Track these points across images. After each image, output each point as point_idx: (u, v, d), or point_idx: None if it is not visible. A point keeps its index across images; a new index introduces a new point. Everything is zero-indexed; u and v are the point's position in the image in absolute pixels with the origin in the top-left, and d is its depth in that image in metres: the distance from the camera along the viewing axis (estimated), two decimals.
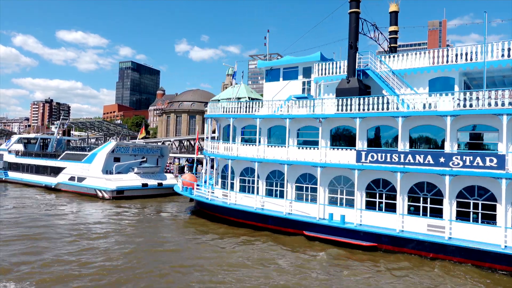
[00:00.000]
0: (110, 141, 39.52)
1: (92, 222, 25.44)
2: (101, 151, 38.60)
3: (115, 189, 36.18)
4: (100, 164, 37.88)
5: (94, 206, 32.90)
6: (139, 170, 39.01)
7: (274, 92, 26.19)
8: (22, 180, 47.03)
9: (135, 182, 37.91)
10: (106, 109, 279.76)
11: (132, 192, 37.45)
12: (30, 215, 27.56)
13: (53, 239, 20.50)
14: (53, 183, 42.19)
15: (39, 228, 22.91)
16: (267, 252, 18.86)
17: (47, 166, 44.27)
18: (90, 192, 38.19)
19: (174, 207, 33.72)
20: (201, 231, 23.29)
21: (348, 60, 22.25)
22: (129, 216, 28.28)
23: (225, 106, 26.18)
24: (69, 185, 40.65)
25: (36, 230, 22.46)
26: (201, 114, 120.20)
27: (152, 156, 42.78)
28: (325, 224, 20.55)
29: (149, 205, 34.53)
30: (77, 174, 39.98)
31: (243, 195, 24.98)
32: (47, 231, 22.33)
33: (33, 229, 22.74)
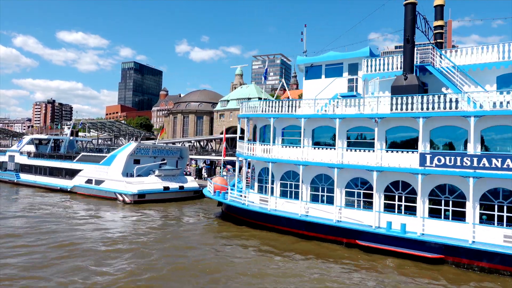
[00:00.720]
0: (130, 142, 37.82)
1: (118, 230, 23.73)
2: (121, 152, 36.90)
3: (137, 193, 34.48)
4: (120, 167, 36.18)
5: (115, 211, 31.22)
6: (160, 173, 37.30)
7: (314, 90, 24.52)
8: (35, 183, 45.31)
9: (157, 185, 36.22)
10: (109, 109, 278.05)
11: (153, 196, 35.77)
12: (48, 220, 25.90)
13: (83, 250, 18.84)
14: (68, 186, 40.49)
15: (64, 236, 21.22)
16: (333, 267, 17.12)
17: (61, 168, 42.57)
18: (110, 195, 36.50)
19: (199, 212, 32.01)
20: (240, 238, 21.58)
21: (404, 55, 20.58)
22: (155, 222, 26.58)
23: (263, 105, 24.47)
24: (86, 188, 38.95)
25: (62, 238, 20.80)
26: (209, 115, 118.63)
27: (172, 158, 41.11)
28: (383, 233, 18.84)
29: (173, 209, 32.86)
30: (95, 176, 38.29)
31: (284, 200, 23.28)
32: (71, 239, 20.67)
33: (60, 238, 21.05)
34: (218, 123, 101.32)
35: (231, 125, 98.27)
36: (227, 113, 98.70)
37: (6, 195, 38.78)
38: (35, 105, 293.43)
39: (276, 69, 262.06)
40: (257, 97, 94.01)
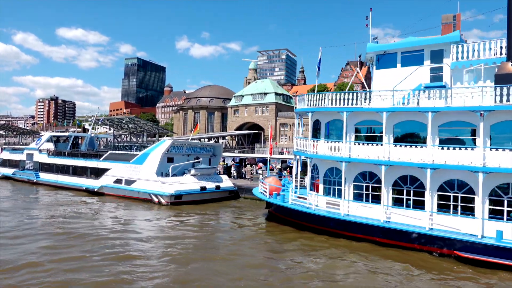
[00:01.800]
0: (164, 139, 35.25)
1: (161, 238, 21.27)
2: (154, 150, 34.34)
3: (174, 194, 31.99)
4: (154, 166, 33.64)
5: (151, 214, 28.80)
6: (196, 172, 34.79)
7: (388, 81, 21.90)
8: (57, 183, 42.81)
9: (193, 185, 33.71)
10: (113, 106, 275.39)
11: (190, 197, 33.30)
12: (81, 224, 23.48)
13: (131, 257, 16.38)
14: (95, 186, 37.98)
15: (104, 243, 18.75)
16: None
17: (87, 167, 40.04)
18: (143, 196, 34.02)
19: (244, 214, 29.53)
20: (319, 248, 19.07)
21: (508, 40, 17.96)
22: (201, 227, 24.14)
23: (333, 98, 21.85)
24: (115, 189, 36.45)
25: (101, 247, 18.37)
26: (220, 111, 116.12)
27: (205, 156, 38.57)
28: (492, 244, 16.33)
29: (214, 211, 30.45)
30: (125, 176, 35.78)
31: (358, 204, 20.76)
32: (114, 248, 18.20)
33: (99, 246, 18.59)
34: (232, 119, 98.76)
35: (246, 121, 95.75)
36: (242, 109, 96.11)
37: (28, 196, 36.27)
38: (38, 102, 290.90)
39: (281, 65, 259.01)
40: (273, 92, 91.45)
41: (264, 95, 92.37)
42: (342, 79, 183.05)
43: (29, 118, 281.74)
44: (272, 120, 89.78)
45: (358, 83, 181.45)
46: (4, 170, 51.06)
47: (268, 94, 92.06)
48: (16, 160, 49.86)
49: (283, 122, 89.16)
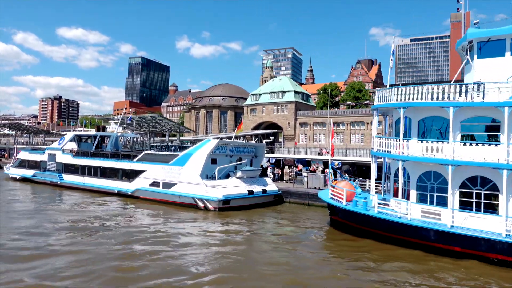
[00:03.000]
0: (208, 139, 32.30)
1: (224, 250, 18.48)
2: (198, 151, 31.41)
3: (222, 199, 29.13)
4: (198, 168, 30.74)
5: (200, 222, 26.04)
6: (242, 174, 31.91)
7: (493, 71, 19.01)
8: (84, 185, 39.89)
9: (241, 189, 30.85)
10: (117, 105, 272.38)
11: (238, 202, 30.46)
12: (126, 235, 20.63)
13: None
14: (129, 190, 35.07)
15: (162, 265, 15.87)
16: None
17: (118, 168, 37.12)
18: (185, 201, 31.14)
19: (303, 221, 26.70)
20: (436, 272, 16.19)
21: None
22: (264, 237, 21.27)
23: (432, 91, 18.94)
24: (152, 192, 33.56)
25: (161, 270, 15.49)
26: (233, 110, 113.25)
27: (247, 157, 35.68)
28: None
29: (268, 218, 27.81)
30: (163, 179, 32.90)
31: (467, 214, 17.87)
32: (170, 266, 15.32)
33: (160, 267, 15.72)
34: (249, 118, 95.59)
35: (263, 120, 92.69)
36: (259, 108, 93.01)
37: (55, 200, 33.36)
38: (41, 101, 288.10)
39: (287, 64, 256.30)
40: (292, 91, 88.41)
41: (282, 93, 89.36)
42: (353, 77, 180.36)
43: (32, 117, 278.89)
44: (291, 119, 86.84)
45: (369, 82, 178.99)
46: (23, 172, 48.12)
47: (287, 93, 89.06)
48: (36, 161, 46.90)
49: (303, 121, 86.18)
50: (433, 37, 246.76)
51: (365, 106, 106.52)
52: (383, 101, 21.32)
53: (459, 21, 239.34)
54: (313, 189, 35.05)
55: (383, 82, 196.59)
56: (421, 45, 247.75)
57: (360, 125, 78.00)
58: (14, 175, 49.15)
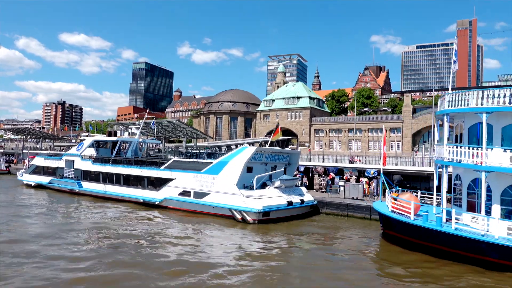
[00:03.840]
0: (245, 146, 30.28)
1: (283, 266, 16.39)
2: (234, 158, 29.41)
3: (262, 210, 27.10)
4: (235, 176, 28.74)
5: (241, 235, 24.08)
6: (281, 184, 29.90)
7: None
8: (105, 193, 37.85)
9: (280, 200, 28.84)
10: (121, 111, 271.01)
11: (277, 213, 28.46)
12: (160, 250, 18.56)
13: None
14: (156, 199, 33.05)
15: None
16: None
17: (143, 176, 35.12)
18: (219, 212, 29.14)
19: (347, 233, 24.67)
20: None
21: None
22: (324, 256, 19.21)
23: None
24: (182, 202, 31.54)
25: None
26: (243, 116, 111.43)
27: (281, 165, 33.68)
28: None
29: (313, 231, 25.86)
30: (194, 188, 30.90)
31: None
32: None
33: None
34: (262, 124, 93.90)
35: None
36: (273, 113, 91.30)
37: (78, 210, 31.32)
38: (45, 106, 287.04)
39: (293, 70, 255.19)
40: (307, 96, 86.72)
41: (297, 99, 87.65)
42: (361, 84, 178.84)
43: (35, 122, 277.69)
44: (306, 125, 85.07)
45: (377, 88, 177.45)
46: (38, 178, 46.11)
47: (301, 98, 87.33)
48: (52, 167, 44.92)
49: (319, 127, 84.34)
50: (439, 44, 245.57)
51: (374, 113, 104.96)
52: (458, 105, 19.35)
53: (466, 28, 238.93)
54: (351, 199, 33.09)
55: (391, 89, 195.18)
56: (427, 52, 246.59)
57: (379, 132, 76.19)
58: (28, 182, 47.15)
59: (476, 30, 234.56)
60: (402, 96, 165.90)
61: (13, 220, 26.33)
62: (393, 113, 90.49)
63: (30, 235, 21.86)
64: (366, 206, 31.10)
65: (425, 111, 71.95)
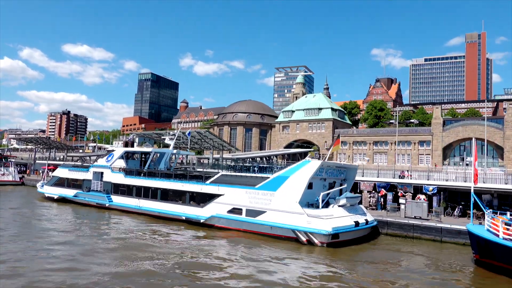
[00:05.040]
0: (307, 160, 27.35)
1: None
2: (295, 173, 26.46)
3: (332, 232, 24.09)
4: (297, 193, 25.78)
5: (308, 261, 21.04)
6: (346, 202, 26.95)
7: None
8: (140, 209, 34.79)
9: (347, 220, 25.86)
10: (126, 121, 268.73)
11: (346, 236, 25.43)
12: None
13: None
14: (202, 217, 30.02)
15: None
16: None
17: (184, 191, 32.15)
18: (278, 233, 26.14)
19: (431, 259, 21.59)
20: None
21: None
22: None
23: None
24: (232, 221, 28.53)
25: None
26: (258, 127, 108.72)
27: (337, 180, 30.77)
28: None
29: (387, 256, 22.62)
30: (246, 205, 27.94)
31: None
32: None
33: None
34: (281, 136, 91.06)
35: (297, 138, 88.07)
36: (293, 125, 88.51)
37: (108, 226, 28.25)
38: (49, 116, 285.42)
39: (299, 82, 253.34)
40: (329, 107, 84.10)
41: (318, 110, 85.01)
42: (372, 96, 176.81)
43: (39, 132, 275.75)
44: (328, 137, 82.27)
45: (389, 101, 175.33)
46: (62, 191, 43.07)
47: (323, 110, 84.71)
48: (78, 180, 41.94)
49: (341, 140, 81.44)
50: (448, 56, 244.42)
51: (388, 125, 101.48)
52: None
53: (475, 41, 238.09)
54: (414, 218, 30.15)
55: (402, 101, 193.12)
56: (436, 64, 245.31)
57: (406, 145, 73.33)
58: (50, 195, 44.10)
59: (485, 43, 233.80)
60: (415, 108, 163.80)
61: (39, 246, 23.30)
62: (406, 126, 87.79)
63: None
64: (435, 227, 28.20)
65: (456, 123, 69.18)
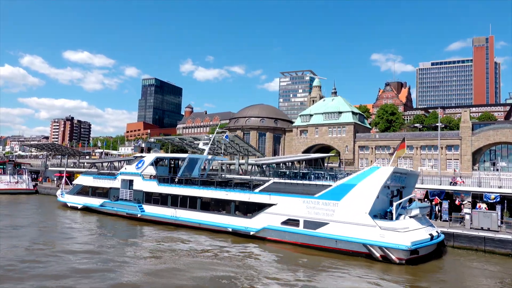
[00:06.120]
0: (376, 166, 24.70)
1: None
2: (364, 180, 23.80)
3: (412, 247, 21.43)
4: (367, 203, 23.15)
5: (390, 279, 18.33)
6: (419, 212, 24.29)
7: None
8: (177, 220, 32.06)
9: (423, 233, 23.21)
10: (130, 127, 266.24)
11: (424, 250, 22.77)
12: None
13: None
14: (252, 228, 27.34)
15: None
16: None
17: (229, 200, 29.49)
18: (345, 247, 23.51)
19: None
20: None
21: None
22: None
23: None
24: (287, 233, 25.87)
25: None
26: (272, 131, 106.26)
27: (397, 187, 28.11)
28: None
29: (477, 274, 19.87)
30: (304, 216, 25.30)
31: None
32: None
33: None
34: (299, 140, 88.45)
35: (316, 143, 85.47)
36: (311, 129, 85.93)
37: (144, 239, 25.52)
38: (53, 122, 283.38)
39: (305, 86, 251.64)
40: (350, 111, 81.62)
41: (338, 114, 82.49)
42: (382, 100, 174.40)
43: (43, 138, 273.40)
44: (349, 142, 79.70)
45: (400, 105, 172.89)
46: (86, 200, 40.35)
47: (343, 113, 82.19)
48: (104, 188, 39.23)
49: (363, 144, 78.96)
50: (455, 60, 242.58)
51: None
52: None
53: (482, 45, 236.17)
54: (482, 230, 27.50)
55: (412, 105, 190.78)
56: (443, 69, 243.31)
57: (433, 149, 70.73)
58: (73, 204, 41.38)
59: (494, 47, 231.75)
60: (427, 112, 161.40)
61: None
62: (433, 130, 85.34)
63: None
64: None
65: (486, 127, 66.67)
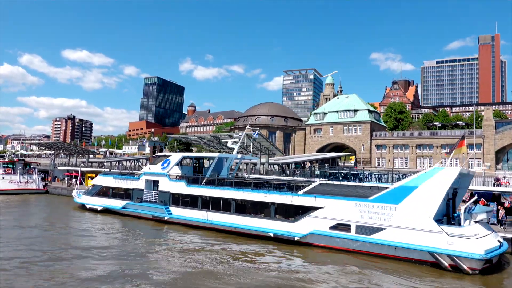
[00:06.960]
0: (439, 167, 22.67)
1: None
2: (426, 182, 21.70)
3: (486, 256, 19.45)
4: (431, 207, 21.16)
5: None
6: (486, 217, 22.34)
7: None
8: (209, 223, 30.01)
9: (493, 239, 21.25)
10: (132, 126, 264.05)
11: (496, 259, 20.81)
12: None
13: None
14: (296, 234, 25.32)
15: None
16: None
17: (268, 203, 27.47)
18: (405, 255, 21.57)
19: None
20: None
21: None
22: None
23: None
24: (337, 239, 23.87)
25: None
26: (282, 130, 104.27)
27: (451, 189, 26.06)
28: None
29: None
30: (356, 220, 23.30)
31: None
32: None
33: None
34: (313, 139, 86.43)
35: (331, 141, 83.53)
36: (326, 127, 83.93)
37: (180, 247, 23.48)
38: (54, 121, 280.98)
39: (309, 85, 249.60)
40: (366, 109, 79.67)
41: (354, 112, 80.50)
42: (389, 98, 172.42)
43: (44, 137, 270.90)
44: (366, 141, 77.75)
45: (407, 103, 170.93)
46: (107, 202, 38.25)
47: (359, 111, 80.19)
48: (126, 189, 37.15)
49: (380, 143, 76.99)
50: (460, 59, 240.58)
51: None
52: None
53: (488, 43, 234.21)
54: None
55: (420, 104, 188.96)
56: (448, 67, 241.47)
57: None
58: (92, 206, 39.30)
59: (500, 45, 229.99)
60: (435, 111, 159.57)
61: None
62: (452, 128, 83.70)
63: None
64: None
65: (510, 125, 64.77)
